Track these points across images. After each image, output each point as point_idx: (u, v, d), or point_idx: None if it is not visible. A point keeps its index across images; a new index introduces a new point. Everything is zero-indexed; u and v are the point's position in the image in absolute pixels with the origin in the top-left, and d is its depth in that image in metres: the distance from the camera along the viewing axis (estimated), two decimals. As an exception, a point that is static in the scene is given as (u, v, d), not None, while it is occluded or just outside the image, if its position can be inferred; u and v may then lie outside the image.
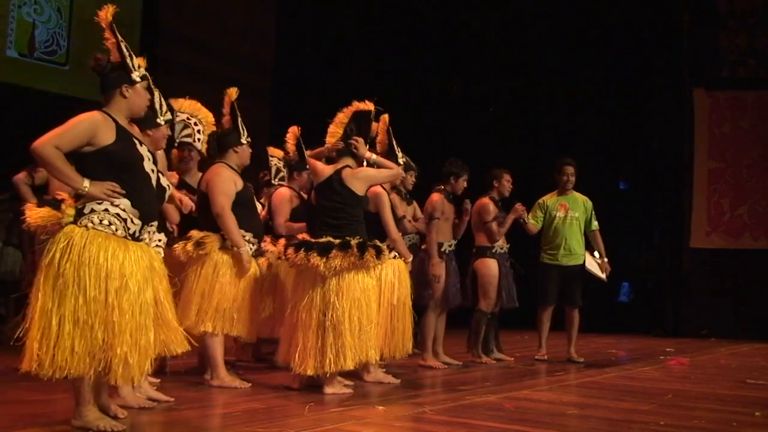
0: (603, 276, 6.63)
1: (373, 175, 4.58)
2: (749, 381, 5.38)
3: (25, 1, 9.27)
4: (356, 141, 4.57)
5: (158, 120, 3.97)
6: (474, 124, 11.55)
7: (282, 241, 4.80)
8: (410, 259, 5.24)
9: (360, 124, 4.64)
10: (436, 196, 5.96)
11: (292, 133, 5.38)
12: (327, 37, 11.96)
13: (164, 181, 3.58)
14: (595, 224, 6.68)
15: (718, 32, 10.34)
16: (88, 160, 3.17)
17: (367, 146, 4.66)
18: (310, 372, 4.22)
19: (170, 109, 4.34)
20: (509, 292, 6.39)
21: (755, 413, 3.98)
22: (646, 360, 6.81)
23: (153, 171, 3.38)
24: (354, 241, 4.27)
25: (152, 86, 3.72)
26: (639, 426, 3.56)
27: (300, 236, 4.73)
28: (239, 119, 4.63)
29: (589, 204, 6.72)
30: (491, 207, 6.31)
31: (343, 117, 4.68)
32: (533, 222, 6.63)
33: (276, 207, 5.51)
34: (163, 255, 3.96)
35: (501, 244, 6.39)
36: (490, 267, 6.27)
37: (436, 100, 11.72)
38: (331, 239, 4.29)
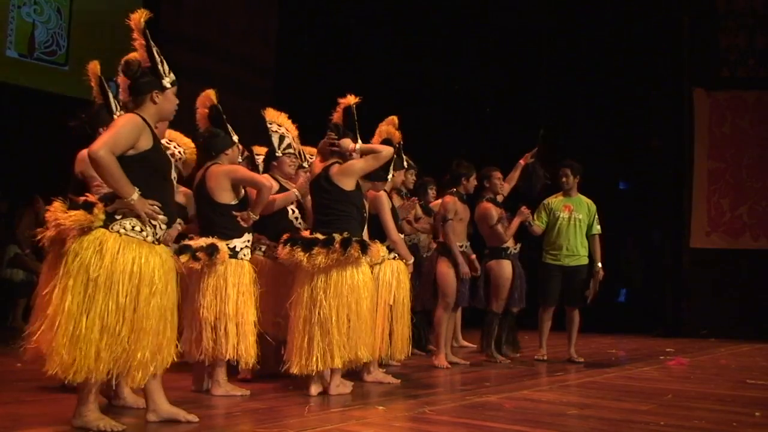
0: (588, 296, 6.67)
1: (361, 167, 4.44)
2: (749, 381, 5.39)
3: (25, 1, 9.28)
4: (339, 143, 4.48)
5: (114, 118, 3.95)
6: (472, 123, 11.55)
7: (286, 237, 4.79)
8: (411, 261, 5.24)
9: (346, 119, 4.60)
10: (448, 198, 6.08)
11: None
12: (327, 38, 11.97)
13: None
14: (596, 228, 6.70)
15: (718, 32, 10.34)
16: (126, 163, 3.19)
17: (354, 139, 4.55)
18: (294, 370, 4.20)
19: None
20: (520, 293, 6.44)
21: (755, 413, 3.98)
22: (646, 360, 6.81)
23: (175, 178, 3.46)
24: (338, 237, 4.23)
25: (106, 87, 3.70)
26: (639, 426, 3.57)
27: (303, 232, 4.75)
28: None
29: (593, 207, 6.75)
30: (493, 210, 6.34)
31: (339, 114, 4.67)
32: (538, 223, 6.65)
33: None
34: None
35: (512, 245, 6.42)
36: (505, 269, 6.31)
37: (436, 99, 11.72)
38: (318, 235, 4.27)
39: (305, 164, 5.40)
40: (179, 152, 4.63)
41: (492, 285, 6.32)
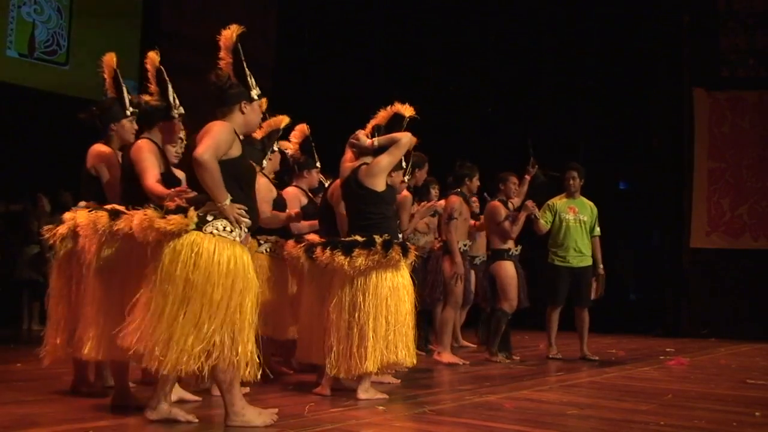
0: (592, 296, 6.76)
1: (388, 162, 4.33)
2: (749, 381, 5.38)
3: (25, 1, 9.28)
4: (356, 139, 4.43)
5: (172, 113, 3.96)
6: (474, 124, 11.55)
7: (291, 242, 4.77)
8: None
9: (392, 125, 4.52)
10: (455, 198, 6.15)
11: (300, 131, 5.38)
12: (327, 38, 11.96)
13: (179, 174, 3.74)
14: (597, 230, 6.81)
15: (718, 32, 10.33)
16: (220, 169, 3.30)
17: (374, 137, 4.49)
18: (342, 375, 4.14)
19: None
20: (523, 293, 6.50)
21: (755, 413, 3.98)
22: (646, 360, 6.81)
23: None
24: (379, 239, 4.14)
25: (166, 78, 3.78)
26: (639, 426, 3.56)
27: (309, 237, 4.72)
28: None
29: (595, 210, 6.86)
30: (502, 209, 6.45)
31: (384, 115, 4.59)
32: (543, 222, 6.70)
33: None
34: None
35: (513, 247, 6.47)
36: (507, 269, 6.38)
37: (437, 100, 11.71)
38: (357, 238, 4.19)
39: (318, 164, 5.43)
40: None
41: (499, 286, 6.39)
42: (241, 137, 3.49)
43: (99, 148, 4.11)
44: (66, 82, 9.44)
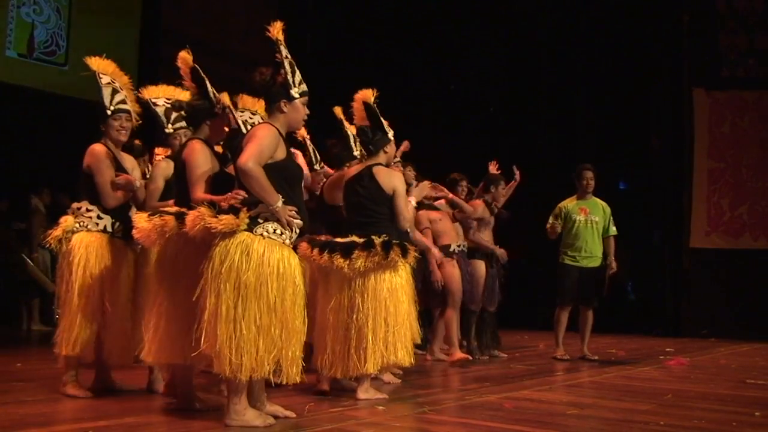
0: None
1: (403, 201, 4.35)
2: (749, 381, 5.39)
3: (25, 1, 9.28)
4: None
5: (216, 109, 3.89)
6: (474, 124, 11.55)
7: (304, 244, 4.73)
8: None
9: (371, 116, 4.49)
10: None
11: (301, 136, 5.38)
12: (327, 38, 11.96)
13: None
14: (613, 229, 6.79)
15: (718, 32, 10.34)
16: (265, 171, 3.28)
17: (385, 133, 4.47)
18: (338, 375, 4.13)
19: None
20: (491, 293, 6.61)
21: (755, 413, 3.98)
22: (646, 360, 6.81)
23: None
24: (378, 240, 4.10)
25: (202, 75, 3.80)
26: (639, 426, 3.56)
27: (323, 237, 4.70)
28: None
29: (608, 210, 6.83)
30: (482, 208, 6.58)
31: (359, 115, 4.57)
32: (557, 228, 6.71)
33: None
34: None
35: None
36: (478, 268, 6.42)
37: (438, 99, 11.72)
38: (355, 239, 4.14)
39: (317, 166, 5.41)
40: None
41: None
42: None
43: (93, 147, 4.17)
44: (65, 83, 9.43)
